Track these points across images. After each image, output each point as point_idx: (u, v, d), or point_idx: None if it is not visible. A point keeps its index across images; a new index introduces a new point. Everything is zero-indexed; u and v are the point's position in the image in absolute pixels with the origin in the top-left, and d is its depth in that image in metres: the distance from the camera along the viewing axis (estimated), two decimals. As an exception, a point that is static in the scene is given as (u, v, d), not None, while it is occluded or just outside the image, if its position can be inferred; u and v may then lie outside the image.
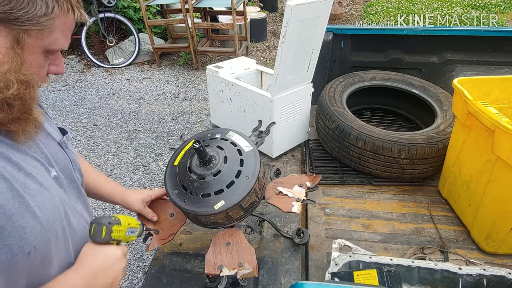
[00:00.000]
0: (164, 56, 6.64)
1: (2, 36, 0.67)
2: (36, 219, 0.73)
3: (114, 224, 0.95)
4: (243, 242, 1.30)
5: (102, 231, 0.92)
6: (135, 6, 6.38)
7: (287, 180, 1.49)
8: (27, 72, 0.71)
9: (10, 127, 0.73)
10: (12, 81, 0.69)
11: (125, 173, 3.80)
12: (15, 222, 0.69)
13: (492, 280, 1.27)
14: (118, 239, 0.96)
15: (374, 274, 1.23)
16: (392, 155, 1.85)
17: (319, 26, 1.92)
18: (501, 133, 1.36)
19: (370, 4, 9.51)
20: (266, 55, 6.80)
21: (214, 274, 1.23)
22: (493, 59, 2.73)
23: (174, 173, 1.30)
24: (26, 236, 0.71)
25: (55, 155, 0.88)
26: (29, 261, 0.73)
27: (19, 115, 0.73)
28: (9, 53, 0.68)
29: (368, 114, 2.65)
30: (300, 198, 1.40)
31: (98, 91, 5.51)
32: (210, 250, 1.29)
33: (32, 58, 0.73)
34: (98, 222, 0.93)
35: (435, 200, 1.89)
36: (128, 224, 1.00)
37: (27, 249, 0.71)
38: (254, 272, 1.22)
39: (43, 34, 0.71)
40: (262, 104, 2.07)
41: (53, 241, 0.79)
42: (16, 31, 0.68)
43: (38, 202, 0.75)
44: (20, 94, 0.71)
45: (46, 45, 0.74)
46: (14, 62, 0.69)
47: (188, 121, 4.73)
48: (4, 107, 0.70)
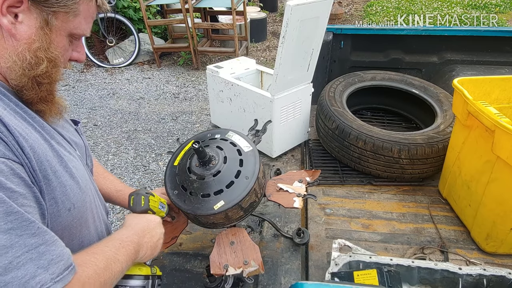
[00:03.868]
0: (164, 56, 6.64)
1: (33, 17, 0.73)
2: (73, 179, 0.81)
3: (150, 195, 1.08)
4: (247, 240, 1.30)
5: (141, 200, 1.04)
6: (135, 6, 6.38)
7: (287, 176, 1.49)
8: (54, 51, 0.78)
9: (39, 107, 0.80)
10: (42, 58, 0.75)
11: (125, 173, 3.80)
12: (59, 178, 0.77)
13: (492, 280, 1.27)
14: (153, 210, 1.07)
15: (374, 274, 1.23)
16: (392, 155, 1.85)
17: (319, 26, 1.92)
18: (501, 133, 1.36)
19: (370, 4, 9.51)
20: (266, 55, 6.80)
21: (220, 274, 1.23)
22: (493, 59, 2.73)
23: (174, 173, 1.30)
24: (67, 192, 0.79)
25: (75, 139, 0.95)
26: (70, 218, 0.81)
27: (46, 95, 0.80)
28: (40, 33, 0.74)
29: (368, 114, 2.65)
30: (301, 194, 1.40)
31: (98, 91, 5.51)
32: (215, 250, 1.29)
33: (59, 40, 0.79)
34: (136, 193, 1.06)
35: (435, 200, 1.89)
36: (159, 199, 1.12)
37: (68, 205, 0.79)
38: (260, 269, 1.22)
39: (68, 18, 0.77)
40: (262, 104, 2.07)
41: (87, 202, 0.88)
42: (46, 12, 0.74)
43: (73, 166, 0.83)
44: (49, 72, 0.78)
45: (71, 29, 0.79)
46: (44, 41, 0.75)
47: (188, 121, 4.73)
48: (35, 85, 0.77)
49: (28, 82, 0.76)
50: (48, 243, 0.68)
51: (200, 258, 1.53)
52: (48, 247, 0.67)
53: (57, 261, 0.68)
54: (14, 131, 0.69)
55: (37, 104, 0.80)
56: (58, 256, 0.68)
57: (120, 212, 3.24)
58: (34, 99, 0.79)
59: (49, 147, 0.77)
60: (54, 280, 0.66)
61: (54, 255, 0.68)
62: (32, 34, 0.73)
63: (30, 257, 0.64)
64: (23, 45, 0.73)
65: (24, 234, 0.64)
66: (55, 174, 0.76)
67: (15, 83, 0.75)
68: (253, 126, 1.57)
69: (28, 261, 0.64)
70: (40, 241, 0.66)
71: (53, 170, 0.75)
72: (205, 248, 1.59)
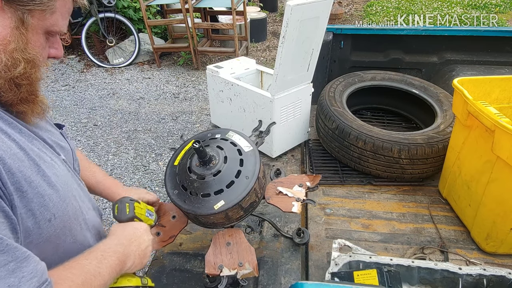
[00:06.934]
0: (164, 56, 6.64)
1: (7, 16, 0.69)
2: (52, 187, 0.77)
3: (135, 202, 1.03)
4: (243, 242, 1.30)
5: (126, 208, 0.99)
6: (135, 6, 6.38)
7: (287, 180, 1.49)
8: (32, 52, 0.74)
9: (20, 108, 0.77)
10: (19, 59, 0.72)
11: (125, 173, 3.80)
12: (35, 188, 0.73)
13: (492, 280, 1.27)
14: (140, 218, 1.02)
15: (374, 274, 1.23)
16: (392, 155, 1.85)
17: (319, 26, 1.92)
18: (501, 133, 1.36)
19: (370, 4, 9.51)
20: (266, 55, 6.80)
21: (215, 274, 1.23)
22: (493, 59, 2.73)
23: (174, 173, 1.30)
24: (46, 203, 0.75)
25: (60, 143, 0.92)
26: (52, 229, 0.77)
27: (27, 95, 0.77)
28: (15, 33, 0.71)
29: (368, 114, 2.65)
30: (300, 198, 1.40)
31: (98, 91, 5.51)
32: (210, 250, 1.29)
33: (36, 39, 0.75)
34: (120, 201, 1.00)
35: (435, 200, 1.89)
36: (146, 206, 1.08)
37: (47, 216, 0.75)
38: (254, 272, 1.22)
39: (45, 15, 0.74)
40: (262, 104, 2.07)
41: (70, 211, 0.84)
42: (21, 11, 0.70)
43: (52, 173, 0.79)
44: (27, 73, 0.74)
45: (48, 26, 0.76)
46: (20, 42, 0.71)
47: (188, 121, 4.73)
48: (13, 87, 0.73)
49: (5, 84, 0.72)
50: (18, 259, 0.64)
51: (200, 258, 1.53)
52: (18, 263, 0.63)
53: (29, 277, 0.64)
54: None
55: (17, 105, 0.76)
56: (30, 273, 0.64)
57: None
58: (13, 101, 0.75)
59: (25, 155, 0.73)
60: None
61: (26, 272, 0.64)
62: (7, 34, 0.70)
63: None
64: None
65: None
66: (30, 185, 0.72)
67: None
68: (257, 127, 1.56)
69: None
70: (9, 258, 0.62)
71: (28, 181, 0.71)
72: (205, 248, 1.58)
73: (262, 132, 1.53)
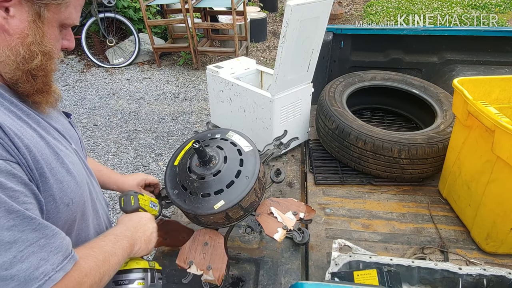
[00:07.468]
0: (164, 56, 6.64)
1: (25, 10, 0.73)
2: (70, 174, 0.83)
3: (139, 194, 1.11)
4: (220, 247, 1.29)
5: (131, 200, 1.07)
6: (135, 6, 6.38)
7: (285, 202, 1.44)
8: (48, 44, 0.78)
9: (35, 98, 0.81)
10: (36, 52, 0.76)
11: (125, 173, 3.80)
12: (55, 175, 0.78)
13: (492, 280, 1.26)
14: (144, 209, 1.10)
15: (374, 274, 1.23)
16: (392, 155, 1.85)
17: (319, 26, 1.92)
18: (501, 133, 1.36)
19: (370, 4, 9.51)
20: (266, 55, 6.80)
21: (183, 267, 1.25)
22: (493, 59, 2.73)
23: (174, 173, 1.30)
24: (65, 188, 0.81)
25: (69, 132, 0.96)
26: (69, 213, 0.83)
27: (42, 86, 0.81)
28: (32, 27, 0.74)
29: (368, 114, 2.65)
30: (287, 227, 1.33)
31: (98, 91, 5.51)
32: (188, 243, 1.31)
33: (51, 32, 0.79)
34: (125, 195, 1.09)
35: (435, 200, 1.89)
36: (149, 198, 1.15)
37: (66, 201, 0.81)
38: (217, 282, 1.23)
39: (60, 9, 0.78)
40: (262, 104, 2.07)
41: (85, 196, 0.90)
42: (38, 5, 0.74)
43: (69, 161, 0.84)
44: (43, 65, 0.78)
45: (62, 19, 0.80)
46: (37, 35, 0.75)
47: (188, 121, 4.73)
48: (30, 78, 0.78)
49: (22, 76, 0.76)
50: (48, 236, 0.71)
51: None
52: (47, 240, 0.71)
53: (56, 252, 0.72)
54: (9, 132, 0.70)
55: (33, 96, 0.81)
56: (56, 248, 0.72)
57: (120, 212, 3.24)
58: (30, 91, 0.79)
59: (45, 144, 0.78)
60: (55, 270, 0.71)
61: (53, 247, 0.72)
62: (24, 28, 0.73)
63: (32, 250, 0.68)
64: (16, 40, 0.73)
65: (26, 229, 0.68)
66: (51, 171, 0.77)
67: (9, 76, 0.76)
68: (280, 136, 1.55)
69: (31, 254, 0.68)
70: (40, 235, 0.70)
71: (50, 168, 0.77)
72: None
73: (282, 144, 1.51)
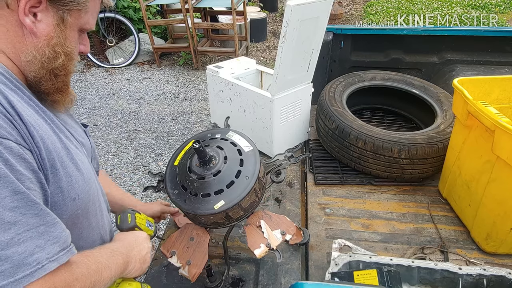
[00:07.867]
0: (164, 56, 6.64)
1: (50, 15, 0.80)
2: (78, 170, 0.86)
3: (136, 212, 1.12)
4: (204, 245, 1.31)
5: (127, 218, 1.09)
6: (135, 6, 6.38)
7: (277, 219, 1.42)
8: (70, 46, 0.85)
9: (55, 97, 0.87)
10: (60, 52, 0.83)
11: (125, 173, 3.80)
12: (65, 168, 0.82)
13: (492, 280, 1.27)
14: (140, 227, 1.11)
15: (374, 274, 1.23)
16: (392, 155, 1.85)
17: (319, 26, 1.92)
18: (501, 133, 1.36)
19: (370, 4, 9.51)
20: (266, 55, 6.80)
21: (165, 255, 1.30)
22: (493, 59, 2.73)
23: (174, 173, 1.30)
24: (73, 183, 0.84)
25: (82, 139, 1.00)
26: (75, 207, 0.86)
27: (61, 85, 0.88)
28: (56, 30, 0.81)
29: (368, 114, 2.65)
30: (270, 245, 1.31)
31: (98, 91, 5.51)
32: (175, 234, 1.33)
33: (72, 35, 0.86)
34: (122, 212, 1.11)
35: (435, 200, 1.89)
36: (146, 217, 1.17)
37: (73, 195, 0.84)
38: (191, 279, 1.26)
39: (80, 14, 0.85)
40: (262, 104, 2.07)
41: (91, 194, 0.93)
42: (62, 10, 0.81)
43: (78, 158, 0.88)
44: (65, 65, 0.85)
45: (82, 24, 0.87)
46: (61, 37, 0.82)
47: (188, 121, 4.73)
48: (52, 77, 0.84)
49: (46, 74, 0.83)
50: (48, 224, 0.72)
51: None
52: (47, 228, 0.72)
53: (53, 242, 0.73)
54: (27, 121, 0.73)
55: (53, 94, 0.87)
56: (55, 238, 0.73)
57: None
58: (51, 90, 0.85)
59: (58, 139, 0.82)
60: (49, 259, 0.71)
61: (52, 236, 0.73)
62: (50, 31, 0.80)
63: (30, 235, 0.69)
64: (43, 41, 0.80)
65: (28, 213, 0.69)
66: (62, 165, 0.80)
67: (34, 75, 0.82)
68: (292, 148, 1.56)
69: (28, 239, 0.69)
70: (41, 222, 0.71)
71: (61, 161, 0.80)
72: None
73: (292, 157, 1.51)
